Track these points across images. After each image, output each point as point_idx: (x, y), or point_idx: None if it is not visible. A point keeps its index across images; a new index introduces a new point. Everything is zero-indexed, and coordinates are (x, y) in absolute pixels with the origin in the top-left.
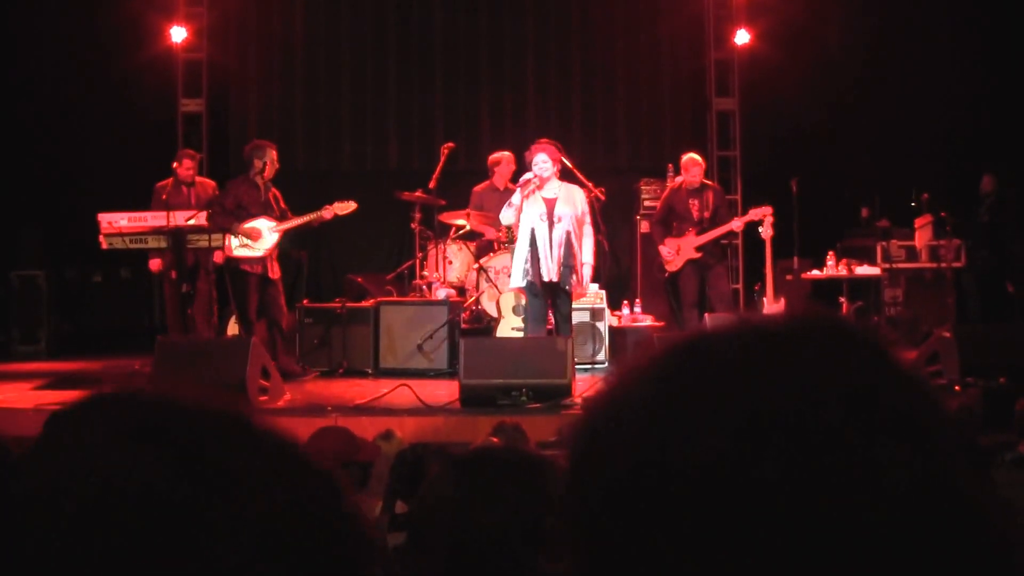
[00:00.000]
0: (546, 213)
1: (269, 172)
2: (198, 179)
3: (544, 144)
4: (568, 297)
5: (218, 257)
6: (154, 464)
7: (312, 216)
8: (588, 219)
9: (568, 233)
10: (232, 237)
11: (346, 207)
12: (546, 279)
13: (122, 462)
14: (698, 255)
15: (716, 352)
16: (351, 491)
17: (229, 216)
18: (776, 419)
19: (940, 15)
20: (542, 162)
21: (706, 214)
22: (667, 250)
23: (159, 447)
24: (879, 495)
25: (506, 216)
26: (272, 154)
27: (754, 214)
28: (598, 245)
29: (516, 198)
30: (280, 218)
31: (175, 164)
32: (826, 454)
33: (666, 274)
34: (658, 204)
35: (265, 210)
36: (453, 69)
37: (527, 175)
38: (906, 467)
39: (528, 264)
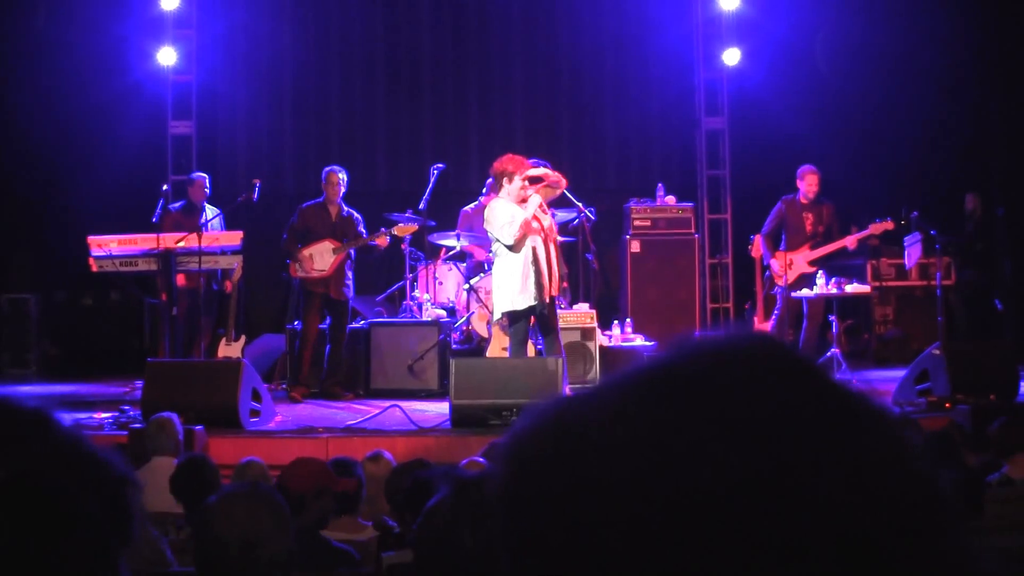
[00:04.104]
0: (540, 231)
1: (331, 194)
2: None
3: (514, 160)
4: (555, 308)
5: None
6: None
7: (366, 239)
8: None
9: (556, 242)
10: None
11: (407, 228)
12: (545, 300)
13: None
14: (812, 269)
15: (635, 382)
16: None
17: (295, 241)
18: (703, 445)
19: (930, 32)
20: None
21: (820, 228)
22: (778, 263)
23: None
24: (807, 509)
25: (514, 234)
26: (333, 177)
27: (874, 228)
28: (588, 264)
29: (529, 212)
30: (348, 241)
31: (190, 188)
32: (745, 474)
33: (774, 288)
34: (770, 217)
35: (332, 233)
36: (441, 90)
37: (536, 199)
38: (833, 477)
39: (532, 285)
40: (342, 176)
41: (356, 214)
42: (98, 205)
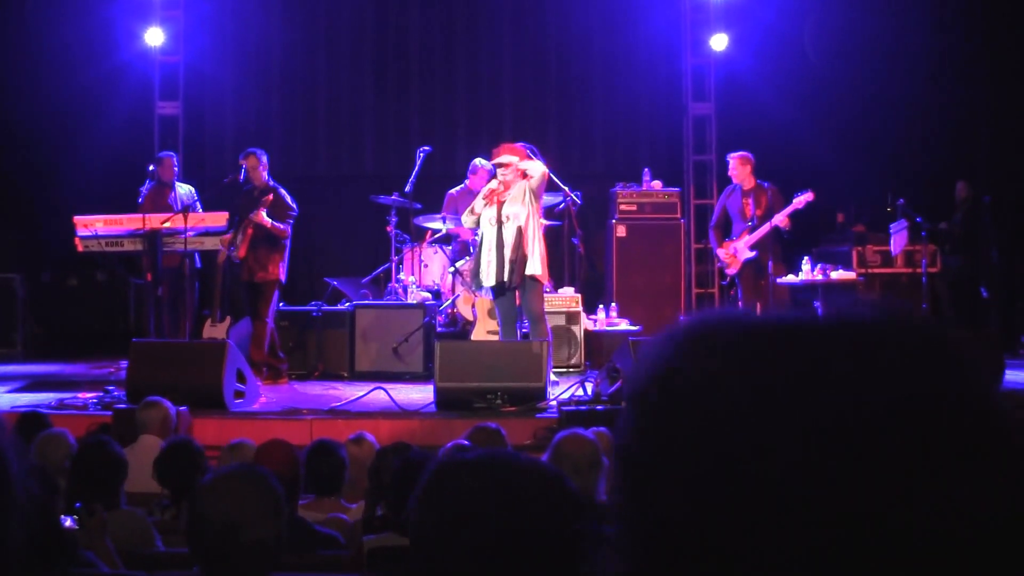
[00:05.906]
0: (495, 217)
1: (250, 179)
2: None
3: (506, 148)
4: (533, 294)
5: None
6: None
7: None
8: (535, 206)
9: (519, 229)
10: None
11: (267, 200)
12: (488, 284)
13: None
14: (752, 254)
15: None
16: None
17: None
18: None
19: (918, 19)
20: (506, 167)
21: (758, 212)
22: (724, 253)
23: None
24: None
25: (467, 220)
26: (246, 162)
27: (797, 202)
28: (574, 248)
29: (479, 205)
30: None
31: (159, 167)
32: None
33: (726, 279)
34: (715, 208)
35: (246, 215)
36: (429, 73)
37: (492, 184)
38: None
39: (481, 270)
40: (258, 159)
41: (281, 190)
42: (84, 185)
